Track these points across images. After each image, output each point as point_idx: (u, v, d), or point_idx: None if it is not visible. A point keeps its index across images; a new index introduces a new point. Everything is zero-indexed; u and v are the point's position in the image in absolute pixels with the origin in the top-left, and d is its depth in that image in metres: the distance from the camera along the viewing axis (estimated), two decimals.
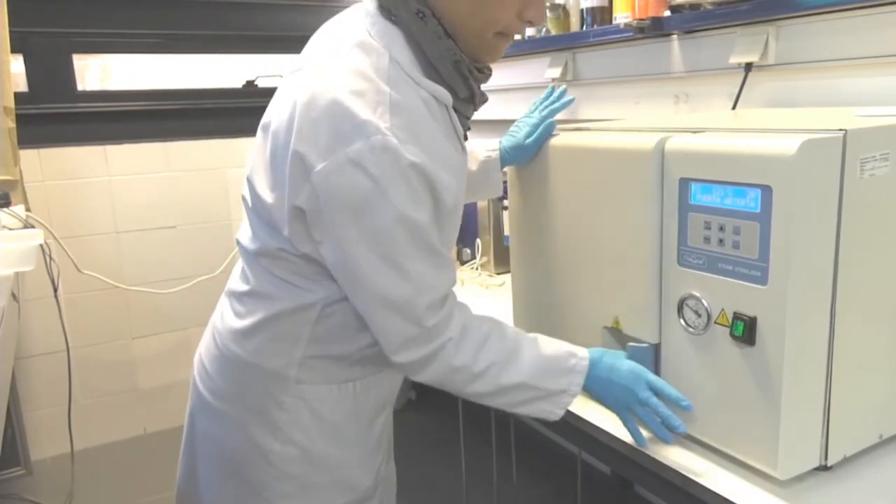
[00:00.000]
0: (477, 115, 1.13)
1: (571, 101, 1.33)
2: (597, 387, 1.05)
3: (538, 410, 1.05)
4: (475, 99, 1.04)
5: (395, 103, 0.89)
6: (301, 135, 0.89)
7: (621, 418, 1.06)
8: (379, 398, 1.14)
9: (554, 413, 1.05)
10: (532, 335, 1.07)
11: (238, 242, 1.08)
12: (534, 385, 1.02)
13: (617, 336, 1.15)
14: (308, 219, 0.92)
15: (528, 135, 1.28)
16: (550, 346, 1.06)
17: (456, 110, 1.02)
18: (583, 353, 1.06)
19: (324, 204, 0.89)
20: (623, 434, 1.09)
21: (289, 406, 1.04)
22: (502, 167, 1.34)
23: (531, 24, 0.98)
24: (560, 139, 1.23)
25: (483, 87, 1.08)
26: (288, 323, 1.02)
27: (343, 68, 0.90)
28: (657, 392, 1.02)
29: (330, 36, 0.99)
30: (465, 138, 1.09)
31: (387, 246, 0.91)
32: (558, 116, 1.32)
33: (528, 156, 1.28)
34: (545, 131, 1.26)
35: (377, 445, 1.15)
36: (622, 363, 1.05)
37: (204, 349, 1.15)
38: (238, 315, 1.06)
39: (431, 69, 0.96)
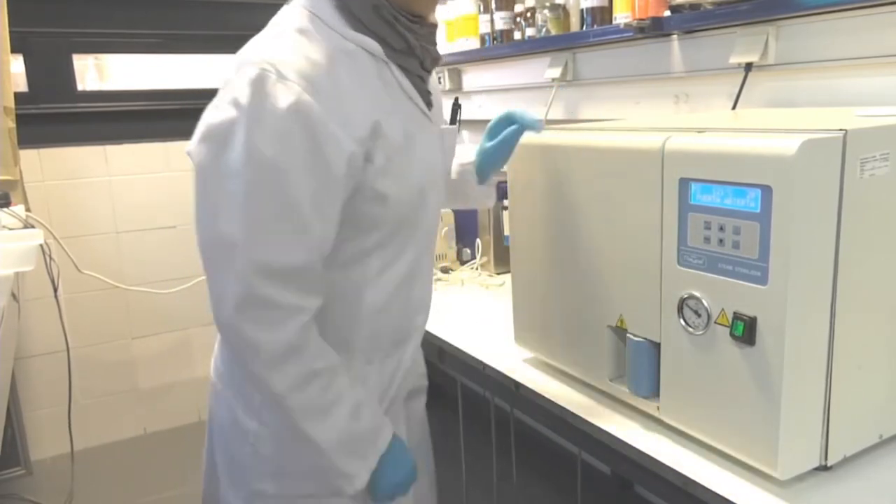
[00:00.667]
0: (476, 116, 1.14)
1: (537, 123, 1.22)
2: (379, 471, 1.04)
3: (327, 480, 1.03)
4: (416, 52, 1.00)
5: (296, 48, 0.90)
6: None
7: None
8: (366, 382, 1.09)
9: (343, 490, 1.02)
10: (356, 399, 1.01)
11: None
12: (328, 455, 0.99)
13: (621, 335, 1.15)
14: None
15: (491, 138, 1.26)
16: (365, 418, 1.01)
17: (403, 68, 1.00)
18: (385, 436, 1.05)
19: (200, 142, 0.90)
20: (623, 434, 1.09)
21: None
22: (479, 174, 1.30)
23: None
24: (559, 139, 1.23)
25: (483, 86, 1.08)
26: None
27: (264, 32, 0.96)
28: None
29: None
30: (430, 105, 1.07)
31: (236, 183, 0.86)
32: (558, 116, 1.32)
33: (496, 158, 1.26)
34: (510, 134, 1.22)
35: None
36: (405, 463, 1.07)
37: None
38: None
39: (357, 22, 0.96)
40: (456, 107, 1.21)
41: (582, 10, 1.99)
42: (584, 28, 1.99)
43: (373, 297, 1.05)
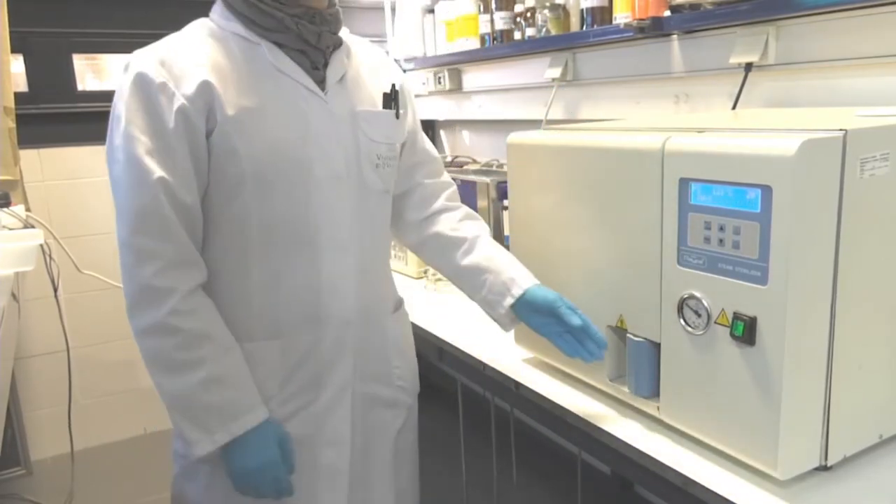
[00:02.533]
0: (476, 116, 1.14)
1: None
2: (232, 456, 1.06)
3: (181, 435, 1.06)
4: (289, 26, 1.08)
5: (168, 40, 1.08)
6: None
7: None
8: (263, 368, 1.12)
9: (190, 452, 1.06)
10: (217, 373, 1.04)
11: None
12: (170, 411, 1.05)
13: (621, 335, 1.15)
14: None
15: (534, 311, 1.19)
16: (230, 389, 1.05)
17: (281, 45, 1.09)
18: (254, 416, 1.06)
19: None
20: (623, 434, 1.09)
21: None
22: (503, 323, 1.24)
23: None
24: (560, 139, 1.23)
25: (483, 86, 1.10)
26: None
27: None
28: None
29: None
30: (323, 83, 1.13)
31: (113, 163, 1.05)
32: (558, 116, 1.33)
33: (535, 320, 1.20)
34: (552, 334, 1.17)
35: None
36: (264, 453, 1.06)
37: None
38: None
39: (233, 10, 1.09)
40: (393, 93, 1.21)
41: (582, 10, 1.99)
42: (584, 28, 1.99)
43: (260, 272, 1.11)
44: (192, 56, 1.05)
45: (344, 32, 1.19)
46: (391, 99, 1.20)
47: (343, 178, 1.14)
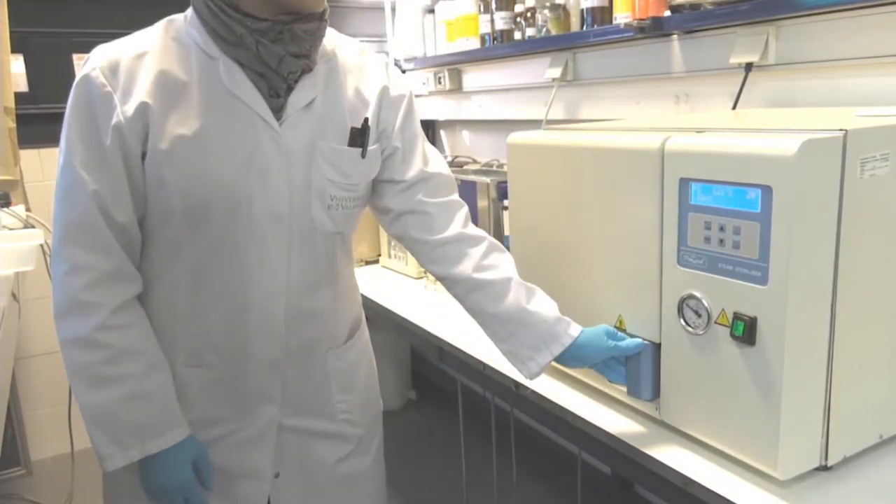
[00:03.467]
0: (476, 116, 1.13)
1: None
2: (147, 473, 1.06)
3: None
4: (247, 44, 0.98)
5: (129, 40, 1.03)
6: None
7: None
8: (189, 392, 1.11)
9: (102, 465, 1.04)
10: (138, 390, 1.02)
11: None
12: (86, 422, 1.02)
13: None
14: None
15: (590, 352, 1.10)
16: (150, 407, 1.04)
17: (240, 63, 1.01)
18: (172, 436, 1.05)
19: None
20: (623, 434, 1.09)
21: None
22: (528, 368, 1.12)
23: None
24: (560, 139, 1.23)
25: (483, 86, 1.08)
26: None
27: None
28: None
29: None
30: (281, 112, 1.04)
31: (57, 164, 1.02)
32: (558, 116, 1.32)
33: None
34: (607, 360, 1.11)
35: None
36: (178, 473, 1.06)
37: None
38: None
39: (200, 18, 1.02)
40: (364, 128, 1.10)
41: (582, 10, 1.99)
42: (585, 28, 1.99)
43: (187, 301, 1.08)
44: (145, 67, 1.00)
45: (332, 36, 1.12)
46: (358, 136, 1.09)
47: (284, 219, 1.06)
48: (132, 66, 1.00)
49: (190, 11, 1.05)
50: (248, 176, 1.02)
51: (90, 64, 1.00)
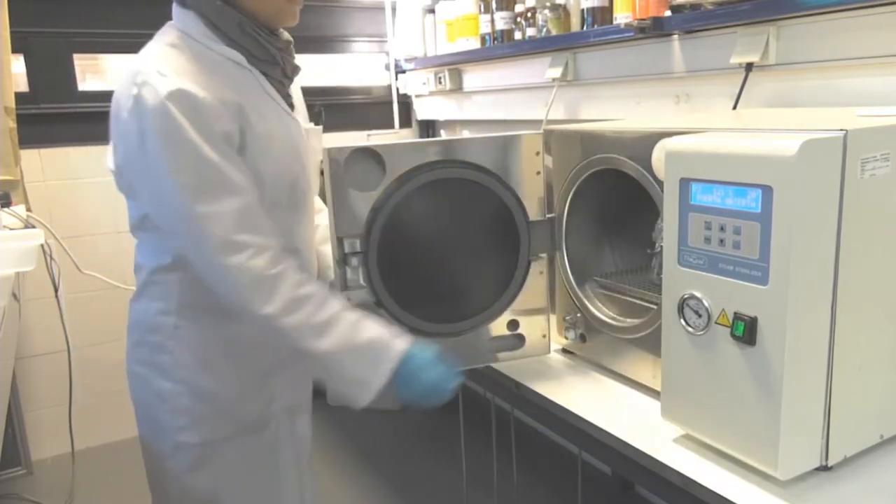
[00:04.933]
0: (477, 116, 1.15)
1: None
2: (401, 382, 1.11)
3: (339, 394, 1.11)
4: (278, 60, 1.17)
5: (167, 56, 1.08)
6: (115, 102, 1.11)
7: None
8: (257, 341, 1.19)
9: (355, 402, 1.10)
10: (355, 316, 1.11)
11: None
12: (336, 366, 1.09)
13: None
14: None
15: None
16: (369, 330, 1.11)
17: (266, 74, 1.17)
18: (398, 347, 1.11)
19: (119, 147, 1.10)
20: (623, 434, 1.09)
21: (171, 348, 1.19)
22: None
23: None
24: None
25: (484, 86, 1.11)
26: (158, 282, 1.19)
27: (142, 53, 1.12)
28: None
29: None
30: (292, 107, 1.24)
31: (161, 165, 1.04)
32: (558, 116, 1.34)
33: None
34: None
35: (262, 381, 1.26)
36: (432, 371, 1.11)
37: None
38: (134, 285, 1.25)
39: (225, 37, 1.12)
40: (319, 110, 1.35)
41: (582, 10, 1.99)
42: (585, 28, 1.99)
43: None
44: (214, 76, 1.08)
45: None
46: (314, 114, 1.35)
47: (313, 190, 1.31)
48: (198, 76, 1.06)
49: (200, 32, 1.12)
50: (299, 160, 1.22)
51: (164, 82, 1.02)
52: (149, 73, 1.04)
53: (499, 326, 1.33)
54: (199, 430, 1.20)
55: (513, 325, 1.33)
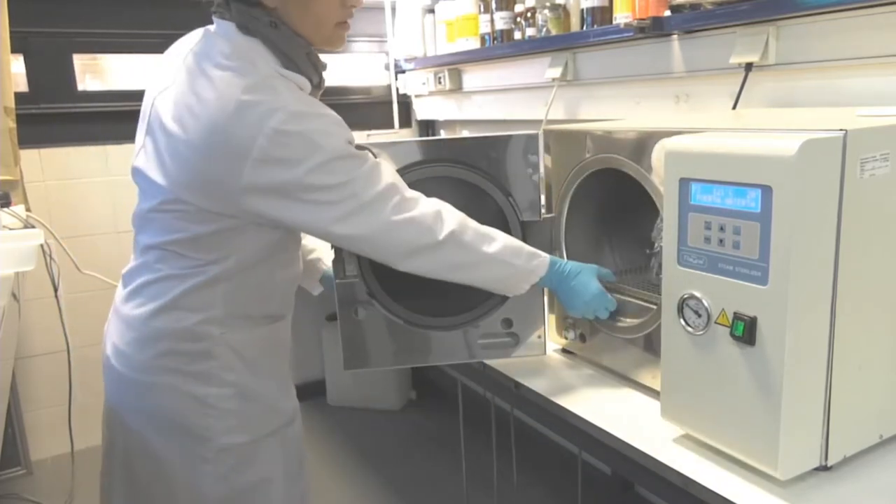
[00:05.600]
0: (477, 116, 1.16)
1: None
2: (557, 281, 1.26)
3: (507, 286, 1.25)
4: (323, 84, 1.25)
5: (283, 87, 1.11)
6: (229, 133, 1.06)
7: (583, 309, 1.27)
8: (285, 335, 1.33)
9: (521, 288, 1.25)
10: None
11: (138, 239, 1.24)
12: (507, 261, 1.20)
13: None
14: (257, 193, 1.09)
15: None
16: (517, 239, 1.24)
17: (311, 96, 1.21)
18: (543, 253, 1.25)
19: (273, 171, 1.08)
20: (623, 434, 1.09)
21: (219, 354, 1.20)
22: None
23: (354, 6, 1.18)
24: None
25: (483, 87, 1.11)
26: (200, 294, 1.19)
27: (227, 80, 1.09)
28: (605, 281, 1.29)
29: (189, 61, 1.16)
30: None
31: (336, 171, 1.11)
32: (558, 116, 1.34)
33: None
34: None
35: (288, 374, 1.35)
36: (589, 277, 1.26)
37: (118, 336, 1.28)
38: (153, 297, 1.21)
39: (290, 62, 1.16)
40: None
41: (582, 10, 1.99)
42: (585, 28, 1.99)
43: (283, 265, 1.27)
44: (313, 101, 1.17)
45: None
46: None
47: None
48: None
49: (272, 61, 1.15)
50: None
51: (331, 113, 1.13)
52: (281, 105, 1.08)
53: (492, 324, 1.33)
54: (246, 430, 1.24)
55: (506, 323, 1.33)
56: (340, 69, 3.21)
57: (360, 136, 3.54)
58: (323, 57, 1.23)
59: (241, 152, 1.06)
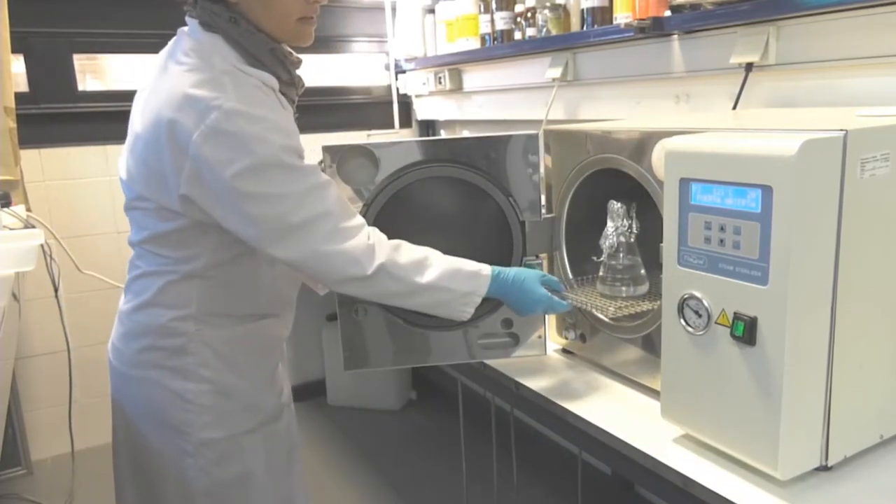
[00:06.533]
0: (477, 116, 1.15)
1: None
2: (502, 292, 1.23)
3: (449, 310, 1.22)
4: (295, 81, 1.22)
5: (232, 84, 1.08)
6: (171, 127, 1.05)
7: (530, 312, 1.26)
8: (275, 333, 1.32)
9: (464, 312, 1.22)
10: (435, 251, 1.21)
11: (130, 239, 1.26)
12: (444, 287, 1.19)
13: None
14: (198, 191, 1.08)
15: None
16: (457, 260, 1.22)
17: (283, 94, 1.19)
18: (486, 267, 1.23)
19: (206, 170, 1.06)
20: (623, 434, 1.09)
21: (194, 350, 1.21)
22: None
23: (318, 2, 1.15)
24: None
25: (483, 86, 1.11)
26: (175, 291, 1.20)
27: (179, 74, 1.09)
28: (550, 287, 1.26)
29: (161, 60, 1.18)
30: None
31: (271, 180, 1.09)
32: (558, 116, 1.34)
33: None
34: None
35: (274, 374, 1.33)
36: (533, 283, 1.24)
37: (114, 331, 1.34)
38: (136, 293, 1.25)
39: (254, 60, 1.14)
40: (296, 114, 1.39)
41: (582, 10, 1.99)
42: (585, 28, 1.99)
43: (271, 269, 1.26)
44: (266, 99, 1.14)
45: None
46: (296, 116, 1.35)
47: None
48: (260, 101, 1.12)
49: (232, 56, 1.13)
50: None
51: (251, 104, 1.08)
52: (221, 103, 1.06)
53: (492, 324, 1.33)
54: (223, 426, 1.24)
55: (506, 323, 1.33)
56: (341, 69, 3.22)
57: (360, 136, 3.54)
58: (323, 57, 1.24)
59: (183, 147, 1.05)
